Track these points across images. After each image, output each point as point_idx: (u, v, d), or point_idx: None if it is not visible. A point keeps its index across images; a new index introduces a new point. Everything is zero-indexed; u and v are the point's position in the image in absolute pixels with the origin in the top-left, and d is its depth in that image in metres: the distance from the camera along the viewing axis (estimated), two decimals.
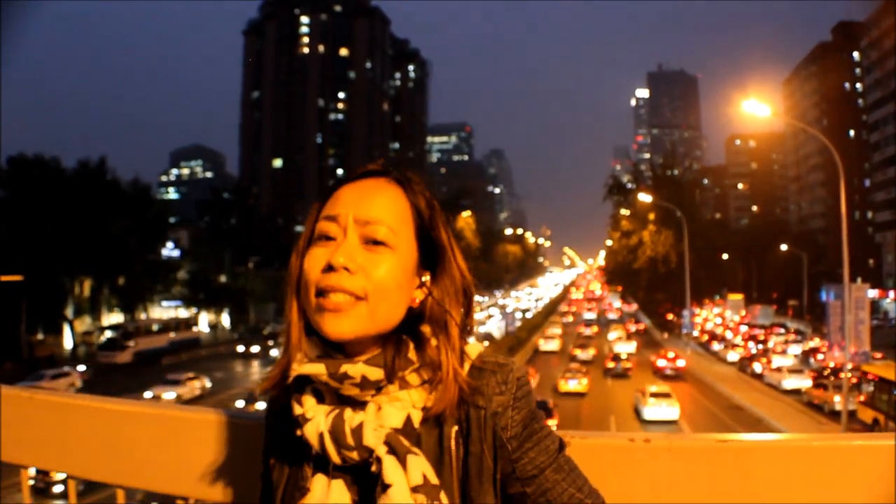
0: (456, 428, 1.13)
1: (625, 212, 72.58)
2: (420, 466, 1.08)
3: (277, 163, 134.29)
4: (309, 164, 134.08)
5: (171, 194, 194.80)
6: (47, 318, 48.88)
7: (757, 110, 27.97)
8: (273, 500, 1.19)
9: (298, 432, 1.12)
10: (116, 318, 56.67)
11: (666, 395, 31.01)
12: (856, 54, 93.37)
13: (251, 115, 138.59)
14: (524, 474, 1.14)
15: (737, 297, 75.20)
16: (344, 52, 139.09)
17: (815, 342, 53.01)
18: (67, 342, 50.85)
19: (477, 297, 1.20)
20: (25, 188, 46.87)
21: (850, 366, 26.54)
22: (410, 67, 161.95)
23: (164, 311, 63.90)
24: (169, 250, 64.59)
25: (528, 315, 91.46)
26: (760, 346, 53.12)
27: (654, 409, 30.27)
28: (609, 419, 31.54)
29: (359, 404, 1.12)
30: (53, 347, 48.58)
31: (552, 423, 23.73)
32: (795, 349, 50.70)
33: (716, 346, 57.44)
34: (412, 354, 1.13)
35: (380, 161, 1.24)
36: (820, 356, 45.22)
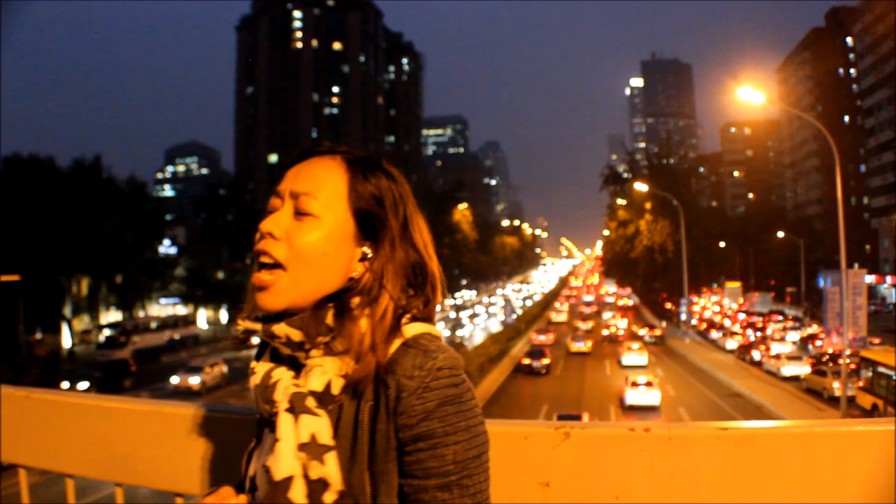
0: (371, 403, 1.12)
1: (621, 201, 72.63)
2: (312, 427, 1.10)
3: (273, 158, 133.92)
4: None
5: (167, 191, 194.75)
6: (45, 317, 48.78)
7: (751, 97, 27.94)
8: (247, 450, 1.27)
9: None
10: (115, 316, 56.65)
11: (648, 384, 31.77)
12: (849, 40, 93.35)
13: (245, 110, 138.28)
14: (407, 469, 1.11)
15: (734, 285, 75.30)
16: (337, 45, 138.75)
17: (813, 329, 53.13)
18: (66, 341, 50.80)
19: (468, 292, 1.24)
20: (21, 188, 46.78)
21: (848, 352, 26.54)
22: (404, 60, 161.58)
23: (162, 308, 63.89)
24: (166, 247, 64.49)
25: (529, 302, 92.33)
26: (759, 334, 53.27)
27: (637, 395, 31.25)
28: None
29: (298, 366, 1.17)
30: (52, 346, 48.50)
31: None
32: (794, 336, 50.97)
33: (714, 335, 57.50)
34: (329, 321, 1.15)
35: (326, 142, 1.27)
36: (818, 343, 45.34)
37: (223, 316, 70.40)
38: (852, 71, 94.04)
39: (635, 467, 1.37)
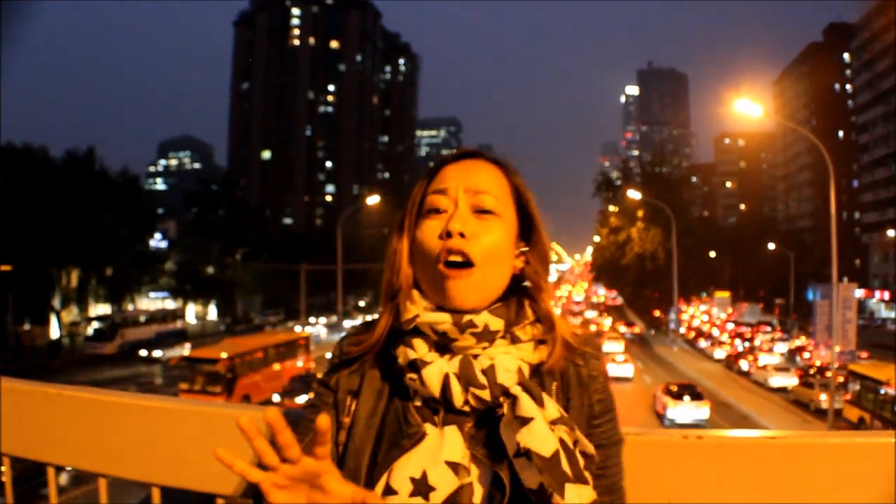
0: (557, 383, 1.20)
1: (613, 208, 72.64)
2: (554, 404, 1.15)
3: (266, 154, 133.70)
4: (298, 156, 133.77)
5: (159, 185, 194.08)
6: (34, 308, 48.61)
7: (749, 110, 28.10)
8: (358, 448, 1.19)
9: (412, 376, 1.17)
10: (103, 308, 56.43)
11: (625, 360, 38.76)
12: (846, 56, 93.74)
13: (240, 106, 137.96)
14: (597, 440, 1.19)
15: (724, 295, 75.11)
16: (335, 44, 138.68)
17: (801, 341, 53.31)
18: (54, 332, 50.59)
19: None
20: (14, 178, 46.59)
21: (836, 365, 26.70)
22: (401, 61, 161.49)
23: (152, 302, 63.61)
24: (157, 241, 64.27)
25: None
26: (747, 344, 53.26)
27: (615, 368, 36.38)
28: None
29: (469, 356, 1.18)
30: (40, 338, 48.32)
31: None
32: (782, 347, 50.85)
33: (702, 343, 57.56)
34: (529, 311, 1.22)
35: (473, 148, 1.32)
36: (806, 355, 45.51)
37: (212, 311, 70.23)
38: (848, 87, 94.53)
39: (688, 475, 1.40)
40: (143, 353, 35.73)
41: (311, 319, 59.06)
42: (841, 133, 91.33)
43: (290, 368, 33.51)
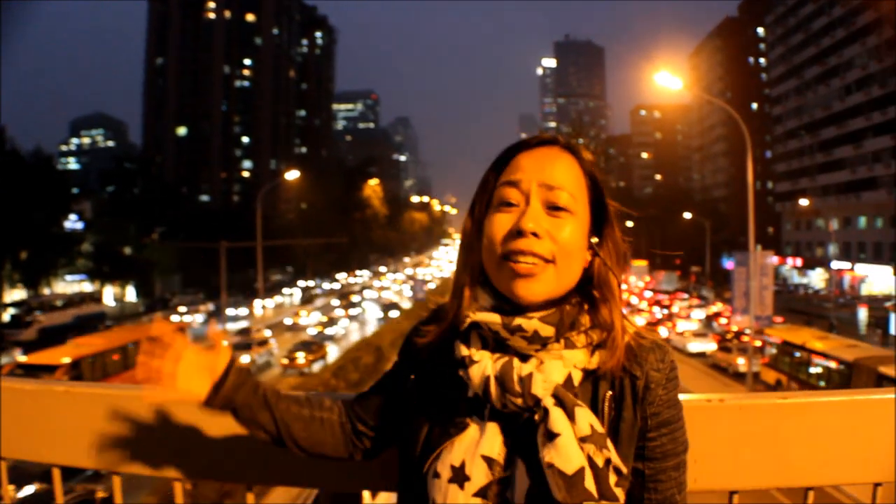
0: (610, 392, 1.20)
1: None
2: (587, 418, 1.14)
3: (181, 131, 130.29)
4: (214, 131, 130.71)
5: (72, 164, 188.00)
6: None
7: (669, 83, 28.61)
8: (417, 426, 1.27)
9: (460, 372, 1.21)
10: (19, 294, 54.80)
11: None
12: (761, 30, 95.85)
13: (155, 82, 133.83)
14: (649, 454, 1.21)
15: (641, 264, 75.98)
16: (251, 17, 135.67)
17: (718, 307, 54.83)
18: None
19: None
20: None
21: (754, 329, 27.62)
22: (318, 34, 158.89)
23: (69, 285, 61.95)
24: (72, 222, 62.36)
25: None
26: (665, 311, 54.42)
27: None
28: None
29: (522, 356, 1.19)
30: None
31: None
32: (699, 314, 52.09)
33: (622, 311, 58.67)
34: (584, 318, 1.22)
35: (547, 133, 1.29)
36: (723, 320, 46.88)
37: (130, 292, 68.69)
38: (762, 60, 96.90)
39: (713, 433, 1.52)
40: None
41: (182, 309, 58.01)
42: (755, 105, 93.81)
43: None
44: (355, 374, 31.18)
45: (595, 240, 1.25)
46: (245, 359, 35.10)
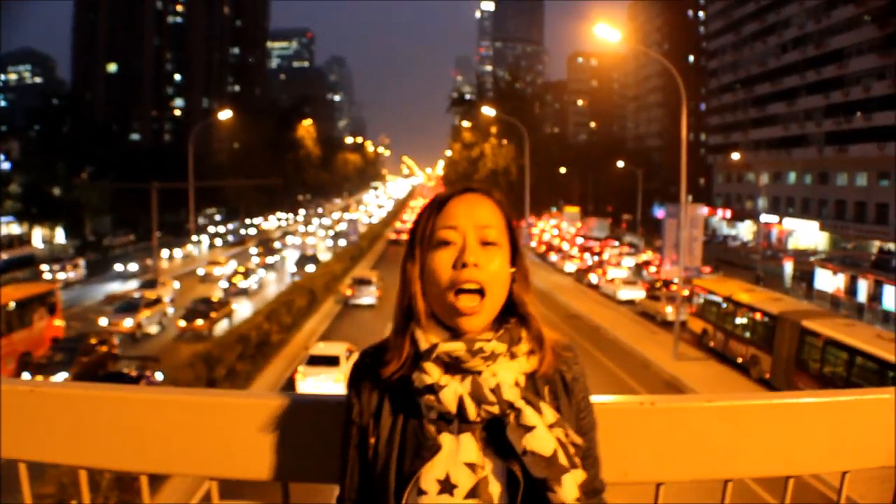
0: (548, 387, 1.44)
1: (467, 124, 72.78)
2: (548, 410, 1.37)
3: (112, 67, 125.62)
4: (145, 68, 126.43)
5: None
6: None
7: (607, 34, 28.62)
8: (385, 463, 1.39)
9: (430, 398, 1.35)
10: None
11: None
12: None
13: (85, 16, 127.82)
14: (580, 431, 1.43)
15: (573, 210, 76.41)
16: None
17: (648, 255, 55.77)
18: None
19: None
20: None
21: (682, 279, 28.11)
22: None
23: None
24: None
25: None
26: (596, 258, 55.10)
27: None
28: None
29: (474, 373, 1.37)
30: None
31: None
32: (629, 262, 52.77)
33: (553, 257, 59.27)
34: (523, 332, 1.43)
35: (476, 182, 1.45)
36: (652, 269, 47.73)
37: (60, 234, 66.88)
38: (701, 14, 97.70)
39: (644, 435, 1.66)
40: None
41: (56, 267, 50.78)
42: (692, 58, 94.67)
43: (27, 338, 25.71)
44: (288, 317, 30.87)
45: (513, 269, 1.44)
46: (128, 322, 31.02)
